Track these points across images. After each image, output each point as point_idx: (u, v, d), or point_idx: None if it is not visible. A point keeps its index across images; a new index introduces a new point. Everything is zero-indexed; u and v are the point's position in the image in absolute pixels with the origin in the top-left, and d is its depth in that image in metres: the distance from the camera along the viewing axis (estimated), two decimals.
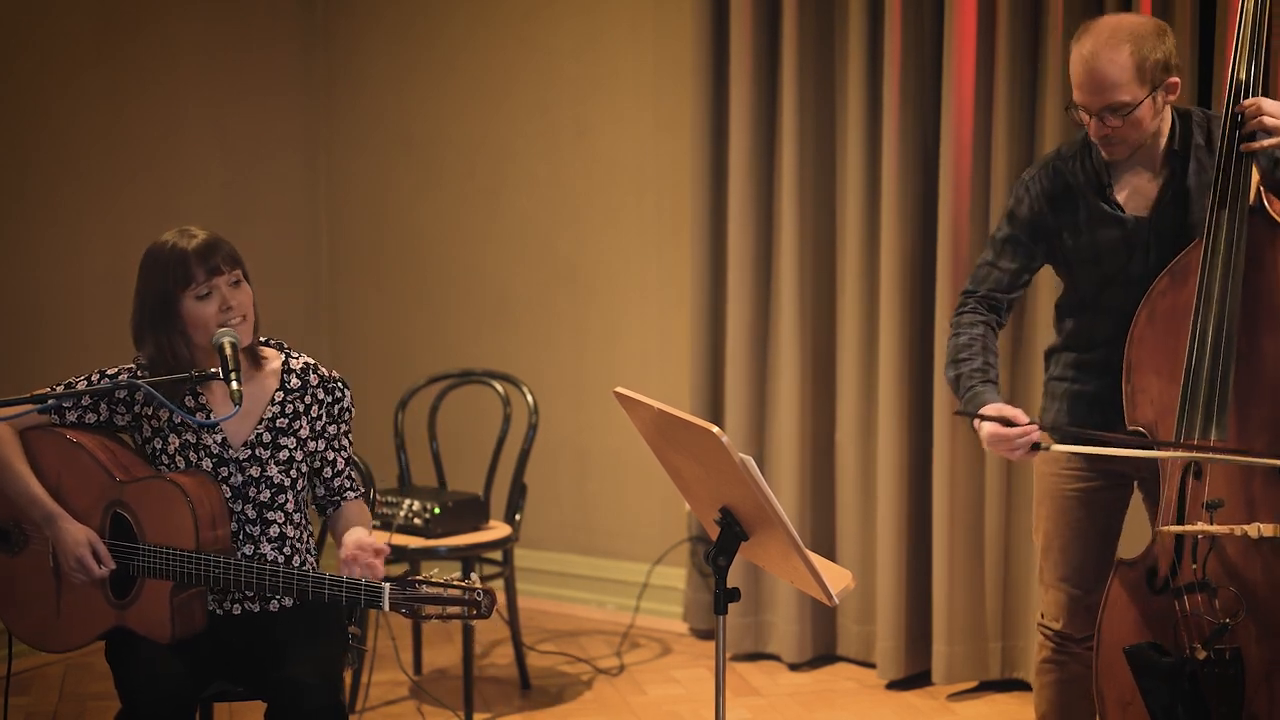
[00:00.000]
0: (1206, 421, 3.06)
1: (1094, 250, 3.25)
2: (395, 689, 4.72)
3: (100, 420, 3.19)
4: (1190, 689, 3.09)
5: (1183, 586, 3.12)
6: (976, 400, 3.22)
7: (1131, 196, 3.22)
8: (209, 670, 3.15)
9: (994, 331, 3.35)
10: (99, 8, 5.23)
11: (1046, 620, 3.43)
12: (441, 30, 5.81)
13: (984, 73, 4.47)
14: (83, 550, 3.07)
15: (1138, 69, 3.06)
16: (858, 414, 4.78)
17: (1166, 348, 3.14)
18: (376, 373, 5.94)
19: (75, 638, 3.17)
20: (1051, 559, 3.39)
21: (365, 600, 2.97)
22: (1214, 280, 3.06)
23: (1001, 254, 3.34)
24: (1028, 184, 3.32)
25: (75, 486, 3.13)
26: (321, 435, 3.26)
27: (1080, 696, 3.42)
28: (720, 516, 2.73)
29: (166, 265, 3.11)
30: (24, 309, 5.06)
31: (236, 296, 3.13)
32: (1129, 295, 3.22)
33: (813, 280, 4.85)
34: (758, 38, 4.84)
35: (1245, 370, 3.07)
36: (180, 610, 3.08)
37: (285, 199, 5.98)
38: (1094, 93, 3.09)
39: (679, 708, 4.59)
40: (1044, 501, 3.41)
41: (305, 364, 3.27)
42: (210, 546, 3.08)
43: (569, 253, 5.62)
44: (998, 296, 3.35)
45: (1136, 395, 3.20)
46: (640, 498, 5.47)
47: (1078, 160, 3.27)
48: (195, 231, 3.15)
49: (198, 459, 3.17)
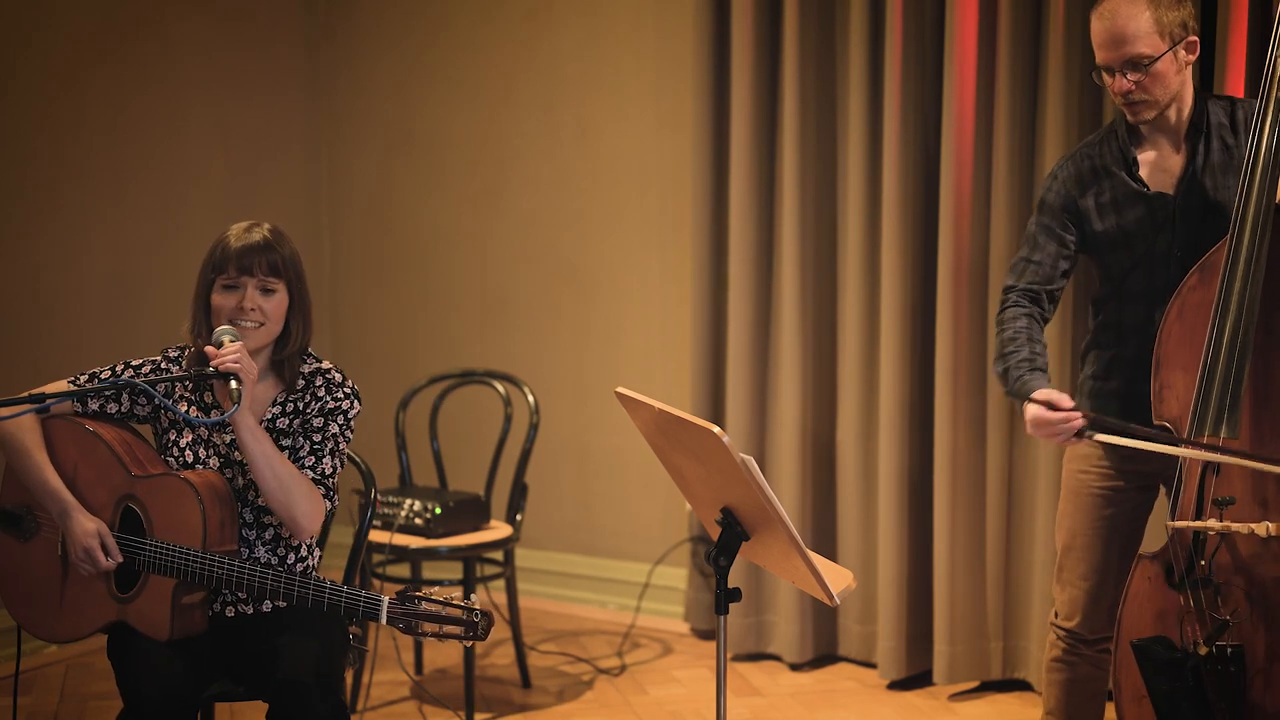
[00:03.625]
0: (1218, 419, 3.06)
1: (1122, 231, 3.28)
2: (396, 689, 4.72)
3: (122, 411, 3.22)
4: (1193, 684, 3.10)
5: (1191, 582, 3.13)
6: (1025, 388, 3.21)
7: (1155, 173, 3.26)
8: (210, 670, 3.15)
9: (1038, 323, 3.35)
10: (101, 7, 5.23)
11: (1060, 619, 3.43)
12: (443, 29, 5.82)
13: (985, 72, 4.47)
14: (92, 541, 3.08)
15: (1157, 23, 3.12)
16: (859, 414, 4.78)
17: (1194, 344, 3.14)
18: (378, 372, 5.95)
19: (75, 629, 3.19)
20: (1074, 556, 3.39)
21: (364, 612, 2.98)
22: (1235, 278, 3.07)
23: (1035, 246, 3.36)
24: (1056, 172, 3.37)
25: (91, 478, 3.15)
26: (303, 429, 3.21)
27: (1088, 698, 3.42)
28: (721, 516, 2.73)
29: (214, 249, 3.18)
30: (25, 308, 5.06)
31: (259, 300, 3.14)
32: (1154, 276, 3.24)
33: (814, 279, 4.85)
34: (759, 36, 4.84)
35: (1261, 370, 3.08)
36: (181, 610, 3.09)
37: (287, 198, 5.98)
38: (1113, 47, 3.14)
39: (680, 708, 4.59)
40: (1069, 499, 3.41)
41: (316, 369, 3.26)
42: (217, 547, 3.09)
43: (570, 252, 5.61)
44: (1036, 288, 3.35)
45: (1164, 391, 3.21)
46: (641, 498, 5.47)
47: (1103, 144, 3.32)
48: (256, 231, 3.18)
49: (206, 456, 3.18)
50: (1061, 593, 3.43)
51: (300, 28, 5.99)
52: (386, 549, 4.42)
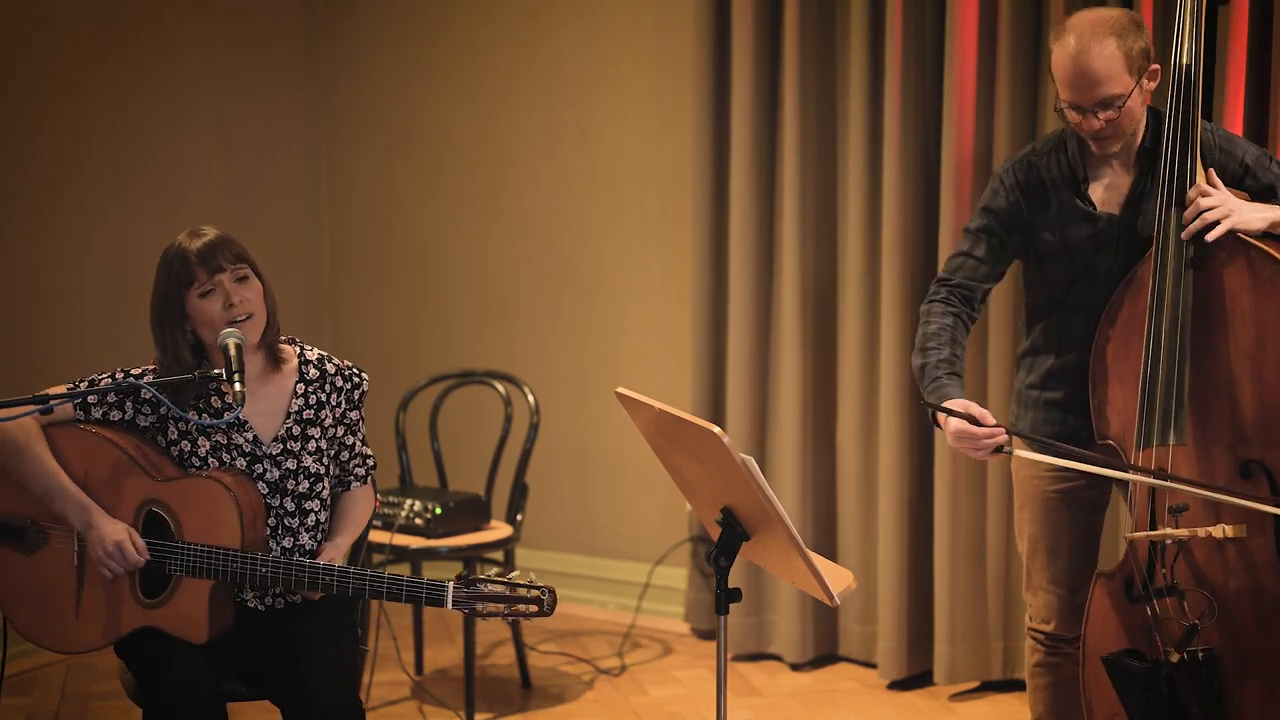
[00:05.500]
0: (1165, 427, 3.08)
1: (1064, 246, 3.26)
2: (397, 689, 4.72)
3: (125, 419, 3.18)
4: (1168, 693, 3.10)
5: (1155, 591, 3.13)
6: (941, 393, 3.22)
7: (1104, 193, 3.24)
8: (226, 668, 3.14)
9: (964, 324, 3.35)
10: (101, 7, 5.23)
11: (1036, 623, 3.43)
12: (443, 29, 5.81)
13: (985, 71, 4.47)
14: (122, 536, 3.05)
15: (1126, 58, 3.08)
16: (859, 413, 4.78)
17: (1128, 357, 3.16)
18: (378, 372, 5.91)
19: (96, 637, 3.14)
20: (1039, 562, 3.40)
21: (427, 598, 2.98)
22: (1165, 284, 3.09)
23: (976, 243, 3.35)
24: (1002, 176, 3.33)
25: (104, 483, 3.11)
26: (342, 421, 3.28)
27: (1076, 696, 3.42)
28: (722, 516, 2.72)
29: (172, 265, 3.14)
30: (25, 309, 5.06)
31: (241, 292, 3.13)
32: (1096, 292, 3.24)
33: (814, 279, 4.85)
34: (759, 36, 4.84)
35: (1200, 373, 3.09)
36: (217, 610, 3.08)
37: (287, 198, 5.98)
38: (1086, 89, 3.09)
39: (680, 708, 4.58)
40: (1026, 506, 3.41)
41: (320, 355, 3.29)
42: (254, 545, 3.08)
43: (570, 252, 5.61)
44: (972, 286, 3.34)
45: (1103, 409, 3.22)
46: (642, 498, 5.47)
47: (1053, 156, 3.28)
48: (204, 231, 3.17)
49: (231, 459, 3.17)
50: (1034, 598, 3.43)
51: (300, 28, 5.99)
52: (387, 549, 4.42)
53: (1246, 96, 3.92)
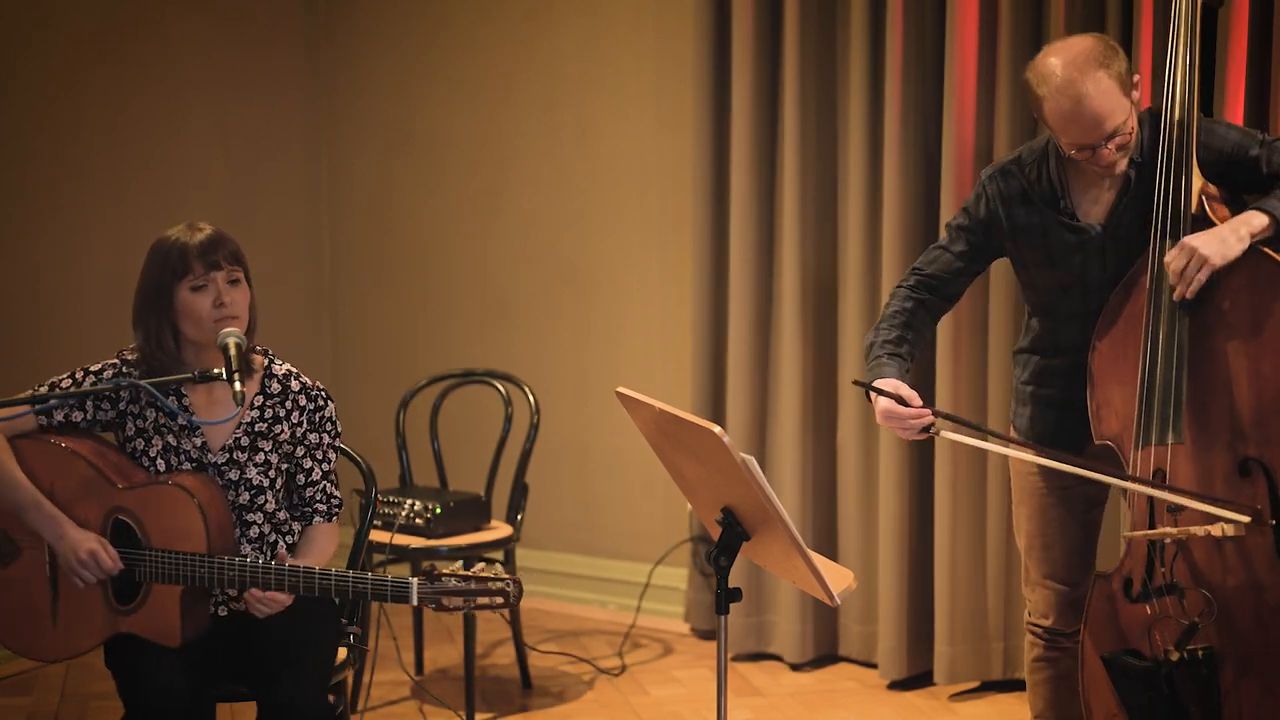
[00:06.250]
0: (1163, 427, 3.08)
1: (1048, 255, 3.27)
2: (397, 689, 4.72)
3: (87, 419, 3.17)
4: (1168, 691, 3.10)
5: (1154, 590, 3.14)
6: (876, 372, 3.24)
7: (1088, 205, 3.23)
8: (211, 671, 3.14)
9: (927, 311, 3.36)
10: (101, 7, 5.23)
11: (1035, 618, 3.44)
12: (443, 29, 5.81)
13: (985, 71, 4.47)
14: (94, 545, 3.05)
15: (1119, 83, 3.06)
16: (859, 413, 4.78)
17: (1127, 357, 3.16)
18: (378, 372, 5.95)
19: (73, 646, 3.16)
20: (1035, 557, 3.42)
21: (392, 595, 2.98)
22: (1164, 287, 3.09)
23: (955, 239, 3.36)
24: (985, 183, 3.32)
25: (71, 494, 3.11)
26: (302, 441, 3.25)
27: (1075, 692, 3.42)
28: (722, 516, 2.73)
29: (167, 256, 3.13)
30: (25, 308, 5.06)
31: (232, 294, 3.13)
32: (1088, 301, 3.25)
33: (814, 279, 4.85)
34: (759, 36, 4.84)
35: (1198, 371, 3.09)
36: (189, 614, 3.08)
37: (287, 198, 5.98)
38: (1092, 129, 3.06)
39: (680, 708, 4.58)
40: (1024, 501, 3.43)
41: (287, 371, 3.27)
42: (221, 549, 3.08)
43: (571, 252, 5.61)
44: (943, 278, 3.36)
45: (1102, 410, 3.23)
46: (642, 498, 5.47)
47: (1037, 168, 3.26)
48: (202, 226, 3.17)
49: (178, 463, 3.16)
50: (1032, 593, 3.45)
51: (300, 28, 5.99)
52: (387, 549, 4.42)
53: (1246, 96, 3.92)
